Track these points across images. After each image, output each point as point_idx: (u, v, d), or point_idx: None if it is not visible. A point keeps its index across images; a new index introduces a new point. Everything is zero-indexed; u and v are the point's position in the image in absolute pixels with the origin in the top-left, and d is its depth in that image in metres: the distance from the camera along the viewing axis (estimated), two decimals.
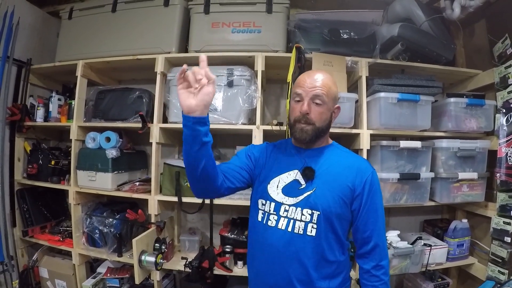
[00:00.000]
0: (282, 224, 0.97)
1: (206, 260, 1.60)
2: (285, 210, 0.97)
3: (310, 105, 0.97)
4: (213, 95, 0.81)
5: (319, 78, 0.99)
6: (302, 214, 0.96)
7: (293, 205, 0.97)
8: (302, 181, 0.99)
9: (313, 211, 0.95)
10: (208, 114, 0.84)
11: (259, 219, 1.02)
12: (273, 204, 1.00)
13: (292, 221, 0.96)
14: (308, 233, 0.95)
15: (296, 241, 0.95)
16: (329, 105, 1.00)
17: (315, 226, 0.95)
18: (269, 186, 1.02)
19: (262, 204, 1.03)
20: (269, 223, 0.99)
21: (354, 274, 1.45)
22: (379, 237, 0.99)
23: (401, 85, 1.58)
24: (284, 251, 0.95)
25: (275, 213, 0.99)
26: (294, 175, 1.01)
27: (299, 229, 0.95)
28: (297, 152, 1.06)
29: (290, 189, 1.00)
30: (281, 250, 0.96)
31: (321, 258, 0.96)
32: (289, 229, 0.96)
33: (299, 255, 0.95)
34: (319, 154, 1.04)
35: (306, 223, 0.95)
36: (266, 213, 1.00)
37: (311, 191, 0.97)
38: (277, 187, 1.01)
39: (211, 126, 1.57)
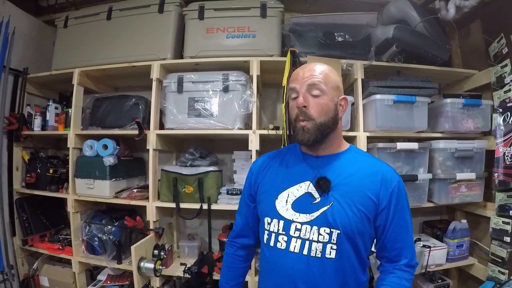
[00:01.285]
0: (295, 246, 0.83)
1: (205, 265, 1.60)
2: (297, 229, 0.84)
3: (307, 97, 0.85)
4: None
5: (314, 67, 0.87)
6: (319, 234, 0.82)
7: (306, 223, 0.83)
8: (316, 194, 0.85)
9: (331, 229, 0.81)
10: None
11: (265, 241, 0.90)
12: (281, 222, 0.86)
13: (307, 242, 0.82)
14: (327, 256, 0.81)
15: (313, 266, 0.81)
16: (331, 95, 0.86)
17: (334, 247, 0.81)
18: (277, 201, 0.89)
19: (268, 223, 0.90)
20: (278, 245, 0.86)
21: None
22: (409, 256, 0.87)
23: (397, 87, 1.57)
24: (299, 278, 0.82)
25: (284, 232, 0.86)
26: (305, 187, 0.87)
27: (316, 252, 0.81)
28: (309, 160, 0.92)
29: (301, 204, 0.86)
30: (296, 277, 0.82)
31: (342, 283, 0.83)
32: (305, 252, 0.82)
33: (318, 282, 0.82)
34: (334, 162, 0.89)
35: (324, 244, 0.81)
36: (273, 234, 0.88)
37: (328, 206, 0.83)
38: (286, 202, 0.88)
39: (208, 132, 1.61)
